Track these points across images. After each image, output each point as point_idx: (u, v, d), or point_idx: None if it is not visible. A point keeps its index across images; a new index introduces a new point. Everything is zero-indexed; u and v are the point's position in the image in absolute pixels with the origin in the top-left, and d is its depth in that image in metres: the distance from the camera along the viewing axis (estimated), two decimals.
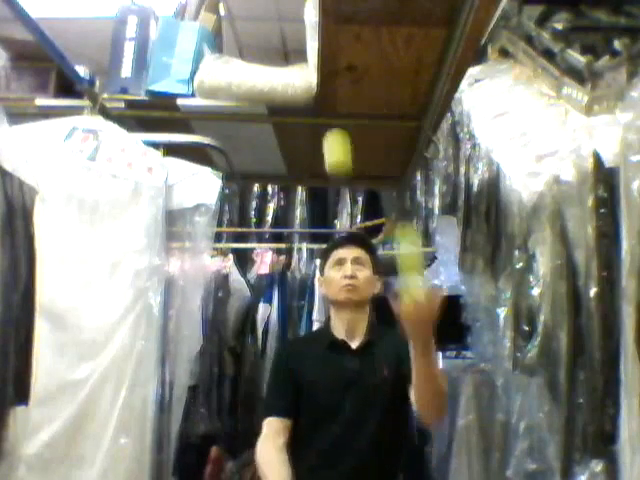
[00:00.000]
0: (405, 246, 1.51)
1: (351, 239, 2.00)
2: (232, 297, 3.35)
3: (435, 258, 3.25)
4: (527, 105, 2.12)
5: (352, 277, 1.79)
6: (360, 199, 4.59)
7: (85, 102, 2.14)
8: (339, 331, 1.82)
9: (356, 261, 1.82)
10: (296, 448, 1.71)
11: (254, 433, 1.77)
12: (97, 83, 2.33)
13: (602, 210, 1.64)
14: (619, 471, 1.44)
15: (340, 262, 1.83)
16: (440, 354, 3.55)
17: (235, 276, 3.42)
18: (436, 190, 3.03)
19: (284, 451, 1.67)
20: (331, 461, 1.68)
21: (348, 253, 1.84)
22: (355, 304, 1.81)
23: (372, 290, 1.84)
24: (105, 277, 1.95)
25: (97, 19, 3.04)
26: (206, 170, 2.21)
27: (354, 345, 1.79)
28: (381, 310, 1.90)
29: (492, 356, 2.21)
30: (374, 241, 3.42)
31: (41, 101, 2.33)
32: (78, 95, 2.20)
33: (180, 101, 2.31)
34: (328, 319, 1.92)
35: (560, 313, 1.74)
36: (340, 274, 1.81)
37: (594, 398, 1.61)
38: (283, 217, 4.70)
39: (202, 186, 2.17)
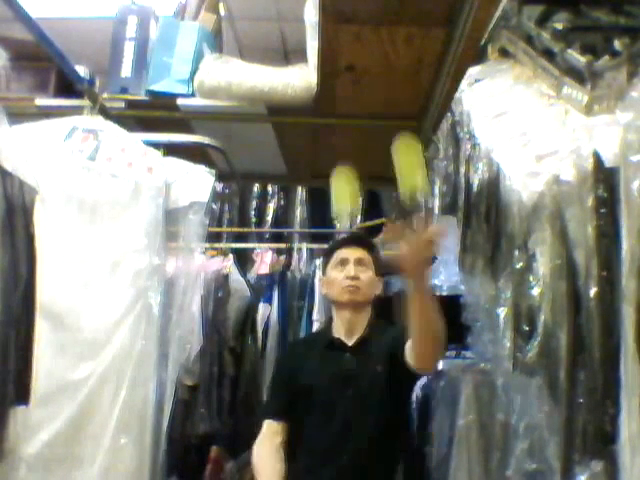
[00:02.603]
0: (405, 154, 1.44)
1: (354, 240, 2.00)
2: (232, 297, 3.35)
3: (435, 258, 3.25)
4: (527, 105, 2.12)
5: (354, 278, 1.79)
6: (360, 199, 4.59)
7: (85, 102, 2.14)
8: (339, 331, 1.82)
9: (359, 262, 1.82)
10: (295, 448, 1.71)
11: (254, 433, 1.78)
12: (97, 83, 2.33)
13: (602, 210, 1.64)
14: (619, 471, 1.44)
15: (343, 263, 1.83)
16: None
17: (235, 276, 3.42)
18: (436, 190, 3.02)
19: (280, 451, 1.69)
20: (329, 460, 1.68)
21: (351, 254, 1.84)
22: (357, 305, 1.81)
23: (374, 291, 1.84)
24: (105, 277, 1.95)
25: (97, 19, 3.04)
26: (200, 168, 2.20)
27: (350, 343, 1.79)
28: (381, 310, 1.90)
29: (492, 356, 2.21)
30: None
31: (41, 101, 2.34)
32: (78, 95, 2.20)
33: (180, 101, 2.31)
34: (330, 319, 1.92)
35: (560, 313, 1.74)
36: (342, 275, 1.81)
37: (594, 398, 1.61)
38: (283, 217, 4.69)
39: (195, 184, 2.17)
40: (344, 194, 1.59)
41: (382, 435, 1.71)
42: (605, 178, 1.63)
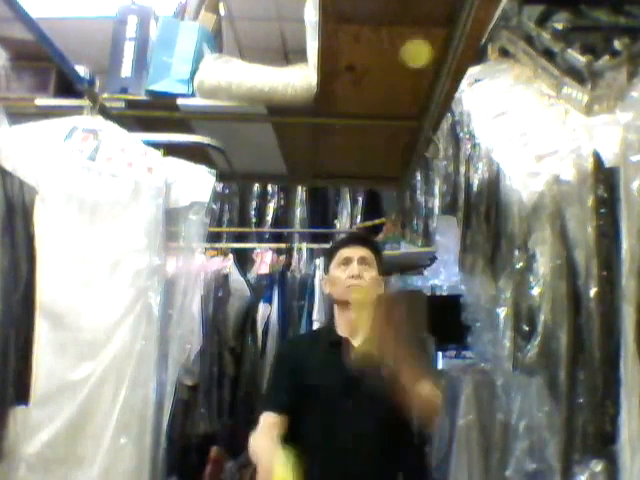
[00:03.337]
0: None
1: (357, 239, 2.00)
2: (232, 297, 3.36)
3: (435, 258, 3.25)
4: (527, 105, 2.12)
5: (358, 277, 1.78)
6: (360, 199, 4.60)
7: (85, 102, 2.13)
8: (343, 331, 1.81)
9: (362, 261, 1.81)
10: (297, 448, 1.70)
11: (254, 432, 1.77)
12: (97, 83, 2.33)
13: (602, 210, 1.64)
14: (619, 471, 1.45)
15: (346, 262, 1.82)
16: (440, 354, 3.56)
17: (235, 276, 3.43)
18: (436, 190, 3.03)
19: (277, 442, 1.63)
20: (330, 461, 1.67)
21: (354, 253, 1.83)
22: (361, 304, 1.80)
23: (378, 290, 1.84)
24: (105, 277, 1.95)
25: (97, 19, 3.04)
26: (201, 168, 2.20)
27: (356, 343, 1.78)
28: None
29: (492, 356, 2.21)
30: None
31: (41, 101, 2.33)
32: (78, 95, 2.19)
33: (180, 101, 2.31)
34: (332, 318, 1.91)
35: (560, 313, 1.74)
36: (346, 274, 1.80)
37: (594, 398, 1.61)
38: (283, 217, 4.70)
39: (196, 184, 2.17)
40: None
41: (383, 438, 1.70)
42: (605, 178, 1.63)
